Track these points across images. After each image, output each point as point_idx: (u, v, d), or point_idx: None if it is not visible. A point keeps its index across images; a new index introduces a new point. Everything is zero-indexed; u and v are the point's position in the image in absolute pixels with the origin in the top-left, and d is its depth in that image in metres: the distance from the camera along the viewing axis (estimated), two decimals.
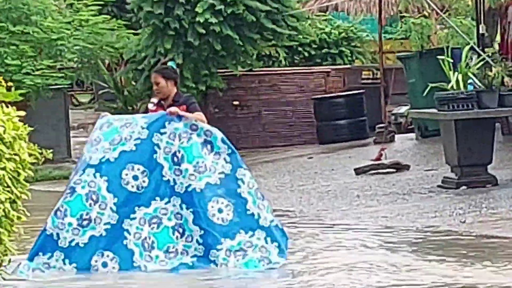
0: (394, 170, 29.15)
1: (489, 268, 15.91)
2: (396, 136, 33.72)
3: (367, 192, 26.73)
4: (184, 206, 16.66)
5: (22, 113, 10.92)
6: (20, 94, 16.34)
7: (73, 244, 16.14)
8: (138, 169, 16.61)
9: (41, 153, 11.60)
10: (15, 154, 10.50)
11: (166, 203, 16.73)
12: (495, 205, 22.69)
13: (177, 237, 16.64)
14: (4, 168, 10.21)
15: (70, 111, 39.46)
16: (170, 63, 18.72)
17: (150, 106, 17.20)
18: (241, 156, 17.86)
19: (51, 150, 12.41)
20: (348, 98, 37.24)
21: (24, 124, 10.68)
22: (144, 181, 16.58)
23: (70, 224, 15.88)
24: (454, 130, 25.62)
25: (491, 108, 25.64)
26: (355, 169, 29.60)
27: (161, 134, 16.60)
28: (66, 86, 36.97)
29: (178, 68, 25.56)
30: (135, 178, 16.54)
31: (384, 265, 16.23)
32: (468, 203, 23.25)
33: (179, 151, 16.82)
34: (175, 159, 16.77)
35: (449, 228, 20.80)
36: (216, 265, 16.33)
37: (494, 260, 16.91)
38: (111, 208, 16.28)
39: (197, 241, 16.50)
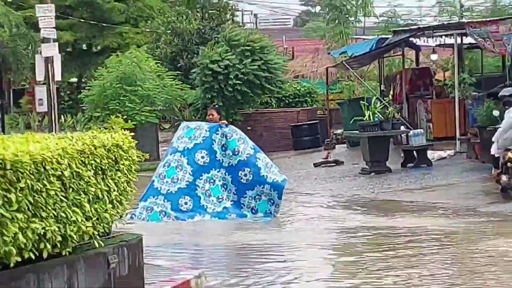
0: (335, 164, 38.11)
1: (390, 217, 24.05)
2: (336, 145, 41.54)
3: (320, 176, 35.85)
4: (227, 173, 25.78)
5: (132, 134, 13.68)
6: (133, 124, 23.92)
7: (168, 192, 24.99)
8: (204, 153, 25.59)
9: (143, 156, 14.07)
10: (129, 156, 13.27)
11: (217, 172, 25.76)
12: (390, 183, 30.95)
13: (222, 190, 25.92)
14: (123, 164, 13.11)
15: (159, 133, 45.62)
16: (216, 106, 31.25)
17: None
18: None
19: (148, 154, 15.13)
20: (309, 125, 44.55)
21: (134, 139, 13.31)
22: (206, 160, 25.47)
23: (167, 182, 25.18)
24: (367, 142, 33.60)
25: (387, 130, 34.00)
26: (314, 164, 38.83)
27: (216, 134, 25.73)
28: (156, 120, 43.74)
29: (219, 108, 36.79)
30: (202, 157, 25.53)
31: (329, 216, 25.37)
32: (375, 182, 31.71)
33: (225, 144, 25.65)
34: (223, 148, 25.71)
35: (366, 196, 29.71)
36: (244, 206, 25.35)
37: (391, 213, 25.31)
38: (189, 173, 25.40)
39: (233, 192, 25.87)
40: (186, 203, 24.56)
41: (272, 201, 24.56)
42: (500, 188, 23.61)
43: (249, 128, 42.19)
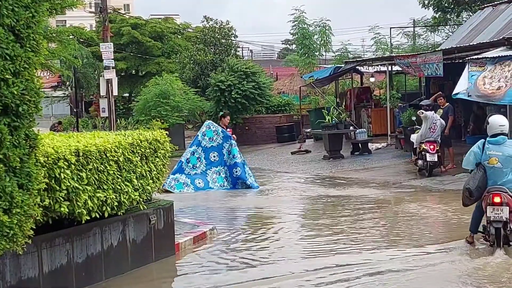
0: (305, 152, 36.89)
1: (342, 188, 23.86)
2: (306, 140, 40.16)
3: (295, 160, 34.80)
4: (227, 169, 25.98)
5: (166, 132, 14.36)
6: (167, 125, 23.33)
7: (189, 174, 25.20)
8: (216, 154, 25.81)
9: (173, 147, 14.72)
10: (164, 147, 13.82)
11: (222, 168, 25.97)
12: (342, 165, 30.37)
13: (224, 179, 26.00)
14: (160, 153, 13.64)
15: (184, 131, 43.50)
16: (228, 113, 29.96)
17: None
18: (247, 147, 29.32)
19: (177, 146, 17.11)
20: (288, 126, 42.59)
21: (168, 136, 13.59)
22: (216, 158, 25.65)
23: (189, 166, 25.48)
24: (327, 137, 33.06)
25: (340, 129, 33.58)
26: (291, 152, 37.53)
27: (226, 143, 25.74)
28: (183, 122, 42.21)
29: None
30: (214, 156, 25.65)
31: (301, 188, 25.51)
32: (333, 164, 31.23)
33: (230, 150, 25.83)
34: (228, 152, 25.84)
35: (326, 174, 29.10)
36: (239, 187, 25.71)
37: (343, 186, 24.95)
38: (203, 165, 25.66)
39: (229, 181, 25.94)
40: (199, 183, 25.13)
41: (248, 187, 24.94)
42: (417, 169, 24.03)
43: (246, 128, 42.85)
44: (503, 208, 11.58)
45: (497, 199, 11.73)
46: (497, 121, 12.47)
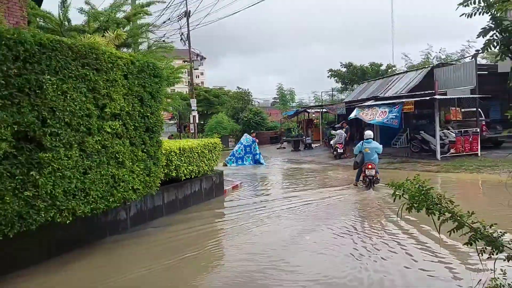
0: (283, 148, 32.96)
1: (299, 164, 22.67)
2: (284, 142, 34.54)
3: (278, 152, 30.83)
4: (252, 156, 22.89)
5: (220, 139, 15.06)
6: (219, 136, 22.37)
7: (236, 156, 22.68)
8: (248, 148, 22.88)
9: (222, 146, 15.03)
10: (218, 146, 13.11)
11: (250, 155, 22.88)
12: (300, 154, 27.17)
13: (251, 160, 22.80)
14: (217, 149, 12.94)
15: (228, 139, 41.63)
16: (253, 132, 27.23)
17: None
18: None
19: (224, 146, 18.54)
20: (276, 136, 37.94)
21: (220, 141, 13.72)
22: (248, 150, 22.82)
23: (236, 152, 22.88)
24: (293, 141, 30.58)
25: (299, 138, 30.62)
26: (277, 148, 33.70)
27: (252, 143, 23.04)
28: (227, 134, 38.38)
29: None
30: (244, 149, 22.92)
31: (281, 164, 23.11)
32: (295, 154, 27.84)
33: (254, 147, 23.08)
34: (253, 148, 23.05)
35: (292, 158, 26.29)
36: (260, 163, 22.75)
37: (299, 163, 24.13)
38: (243, 153, 22.76)
39: (253, 161, 22.81)
40: (240, 162, 22.65)
41: (260, 164, 22.49)
42: (333, 156, 22.46)
43: (256, 137, 38.70)
44: (372, 170, 13.09)
45: (370, 166, 13.12)
46: (368, 132, 14.00)
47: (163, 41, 19.46)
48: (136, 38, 14.55)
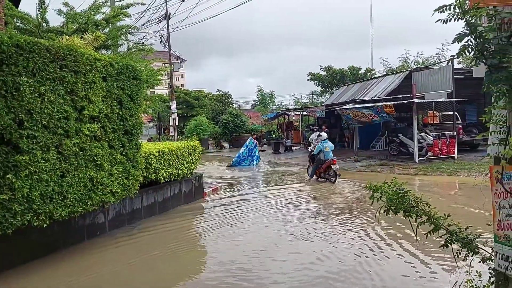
0: (264, 150, 31.84)
1: (279, 167, 23.62)
2: (264, 145, 34.77)
3: (262, 153, 27.49)
4: (254, 157, 23.36)
5: (199, 141, 14.33)
6: (198, 139, 19.42)
7: (241, 158, 23.00)
8: (248, 150, 23.28)
9: (202, 149, 14.71)
10: (198, 149, 13.00)
11: (251, 156, 23.23)
12: (280, 156, 27.36)
13: (252, 162, 23.07)
14: (196, 151, 13.03)
15: (208, 142, 36.96)
16: (254, 134, 28.91)
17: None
18: (238, 148, 23.86)
19: (203, 148, 17.61)
20: (256, 138, 38.19)
21: (200, 144, 14.49)
22: (250, 152, 23.18)
23: (240, 155, 23.16)
24: (273, 143, 30.78)
25: (279, 140, 31.03)
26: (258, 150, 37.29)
27: (255, 147, 23.63)
28: (207, 137, 37.94)
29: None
30: (249, 151, 23.26)
31: (262, 166, 23.02)
32: (276, 156, 28.11)
33: (254, 150, 23.53)
34: (254, 150, 23.49)
35: (273, 160, 26.66)
36: (256, 164, 23.23)
37: (279, 165, 24.30)
38: (246, 154, 23.10)
39: (253, 160, 23.16)
40: (246, 163, 22.65)
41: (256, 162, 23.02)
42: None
43: (237, 139, 39.63)
44: (336, 165, 15.16)
45: (335, 162, 15.17)
46: (324, 134, 16.40)
47: (143, 43, 19.14)
48: (115, 40, 14.40)
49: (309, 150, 23.13)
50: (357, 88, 28.20)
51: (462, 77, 20.72)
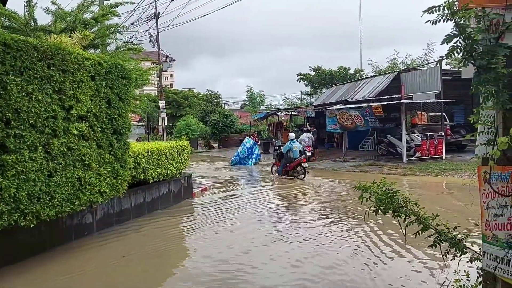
0: None
1: (269, 167, 19.71)
2: None
3: None
4: (254, 156, 23.57)
5: (188, 141, 13.95)
6: (187, 139, 22.02)
7: (240, 157, 23.37)
8: (250, 150, 23.45)
9: (191, 149, 14.76)
10: (187, 148, 13.06)
11: (251, 154, 23.45)
12: (269, 156, 24.55)
13: (251, 160, 23.27)
14: (185, 151, 12.88)
15: (197, 142, 37.55)
16: (255, 133, 29.10)
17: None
18: (228, 148, 26.94)
19: (193, 148, 17.10)
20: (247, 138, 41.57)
21: (189, 144, 15.00)
22: (249, 151, 23.27)
23: (239, 153, 23.34)
24: (263, 144, 30.49)
25: (269, 140, 31.62)
26: None
27: (254, 145, 23.80)
28: (197, 137, 38.15)
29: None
30: (248, 150, 23.36)
31: (252, 166, 24.30)
32: (265, 156, 26.66)
33: (254, 148, 23.75)
34: (254, 149, 23.64)
35: (267, 161, 25.34)
36: (256, 162, 23.58)
37: (270, 165, 21.16)
38: (246, 153, 23.20)
39: (253, 159, 23.42)
40: (245, 162, 22.86)
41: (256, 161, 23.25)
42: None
43: (226, 139, 39.94)
44: (306, 163, 16.43)
45: (305, 160, 16.47)
46: (291, 135, 17.37)
47: (132, 42, 19.09)
48: (104, 39, 14.28)
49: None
50: (346, 88, 28.29)
51: (450, 78, 20.89)
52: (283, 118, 38.85)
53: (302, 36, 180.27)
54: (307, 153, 22.17)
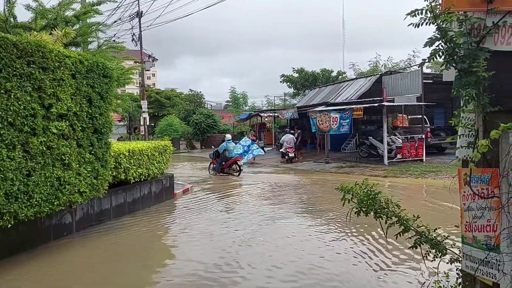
0: None
1: (253, 168, 24.78)
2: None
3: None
4: (250, 152, 21.97)
5: (170, 142, 13.77)
6: (170, 139, 21.80)
7: (236, 153, 20.29)
8: (246, 147, 22.05)
9: (173, 148, 14.28)
10: (169, 149, 12.97)
11: (248, 152, 21.89)
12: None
13: (250, 154, 22.57)
14: (167, 151, 12.84)
15: (179, 142, 37.78)
16: (252, 132, 30.09)
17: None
18: (210, 149, 21.95)
19: (175, 148, 15.54)
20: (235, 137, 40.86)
21: (171, 144, 14.33)
22: (246, 149, 21.54)
23: (235, 149, 21.10)
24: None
25: (263, 141, 31.20)
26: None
27: (251, 144, 22.43)
28: (178, 137, 38.03)
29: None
30: (244, 148, 21.77)
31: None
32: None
33: (251, 146, 22.75)
34: (249, 147, 22.06)
35: (249, 162, 24.04)
36: (257, 154, 22.60)
37: (253, 166, 23.61)
38: (242, 150, 21.33)
39: (249, 157, 22.78)
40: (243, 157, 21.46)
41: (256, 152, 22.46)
42: (285, 159, 22.39)
43: (209, 140, 39.75)
44: (241, 161, 18.07)
45: (240, 158, 18.11)
46: (227, 136, 18.82)
47: (114, 41, 18.96)
48: (86, 37, 14.18)
49: (281, 151, 23.08)
50: (329, 90, 28.50)
51: (431, 81, 21.14)
52: (266, 119, 39.09)
53: (286, 36, 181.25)
54: (290, 155, 22.57)
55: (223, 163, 18.05)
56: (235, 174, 17.78)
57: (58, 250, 7.58)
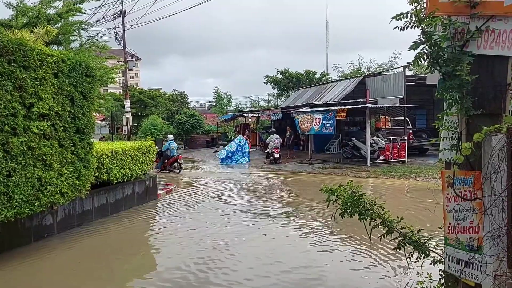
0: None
1: (238, 169, 24.30)
2: (220, 146, 33.14)
3: (215, 156, 29.32)
4: (243, 153, 24.19)
5: (154, 142, 14.96)
6: (153, 139, 19.11)
7: (229, 152, 24.43)
8: (239, 147, 24.24)
9: (157, 149, 14.76)
10: (152, 149, 12.92)
11: (240, 152, 24.17)
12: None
13: (242, 158, 24.10)
14: (150, 151, 12.89)
15: (163, 141, 39.47)
16: (249, 132, 30.02)
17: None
18: (193, 149, 26.59)
19: (157, 149, 16.17)
20: (212, 140, 37.98)
21: (154, 144, 14.12)
22: (239, 148, 24.20)
23: (228, 149, 24.53)
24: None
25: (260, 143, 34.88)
26: (213, 152, 32.34)
27: (244, 143, 24.34)
28: (161, 137, 33.67)
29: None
30: (237, 147, 24.15)
31: (216, 169, 23.96)
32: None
33: (244, 146, 24.53)
34: (243, 147, 24.21)
35: (233, 163, 26.44)
36: (248, 160, 24.21)
37: (238, 167, 26.35)
38: (235, 149, 24.04)
39: (241, 155, 24.34)
40: (236, 160, 23.66)
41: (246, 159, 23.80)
42: (270, 160, 22.32)
43: (192, 140, 39.52)
44: (182, 159, 19.23)
45: (181, 157, 19.30)
46: (170, 136, 20.27)
47: (97, 40, 18.87)
48: (68, 36, 14.08)
49: (267, 151, 23.14)
50: (313, 91, 28.61)
51: (413, 83, 21.37)
52: (250, 120, 39.10)
53: (271, 37, 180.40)
54: (275, 155, 22.53)
55: (165, 161, 19.48)
56: (176, 171, 19.15)
57: (37, 252, 7.48)
